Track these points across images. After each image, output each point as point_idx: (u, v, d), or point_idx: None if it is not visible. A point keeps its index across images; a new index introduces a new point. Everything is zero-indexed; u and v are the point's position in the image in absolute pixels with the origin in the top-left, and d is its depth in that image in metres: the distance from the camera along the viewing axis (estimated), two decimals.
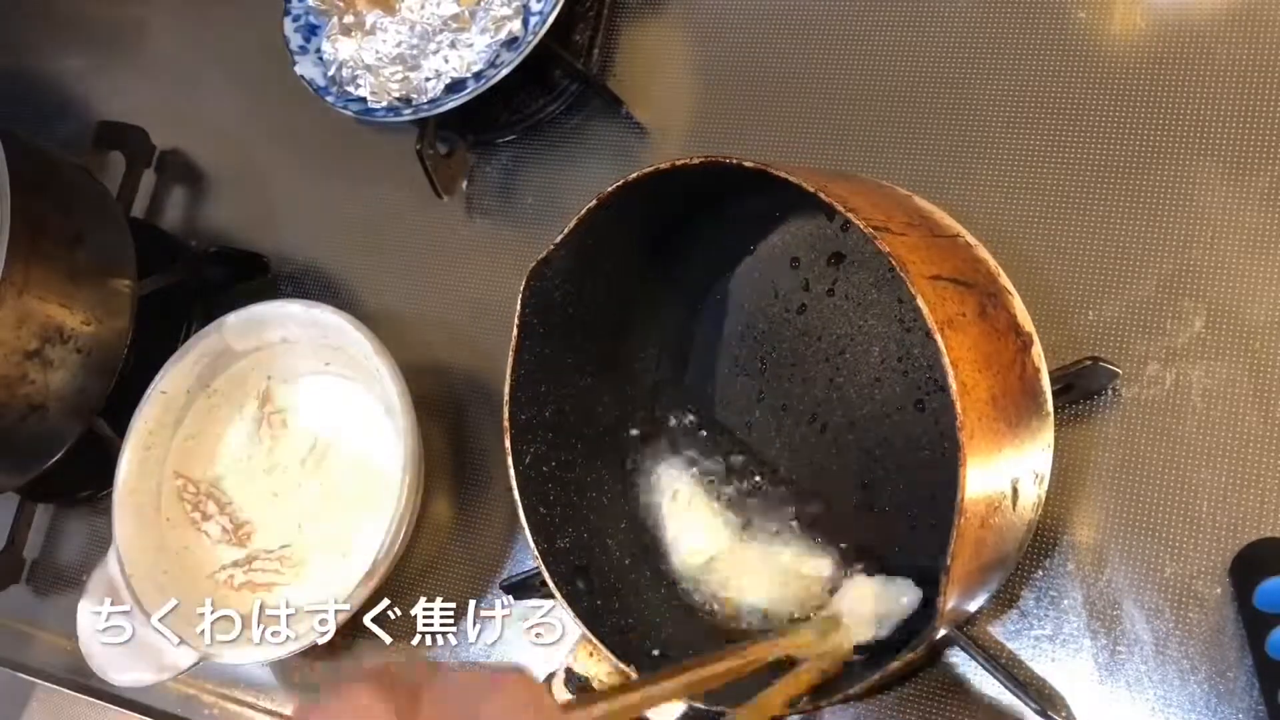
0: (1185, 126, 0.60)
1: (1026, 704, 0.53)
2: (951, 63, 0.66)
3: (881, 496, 0.57)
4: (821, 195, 0.43)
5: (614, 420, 0.62)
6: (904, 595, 0.52)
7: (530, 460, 0.55)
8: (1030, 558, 0.57)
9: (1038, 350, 0.49)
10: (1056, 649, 0.55)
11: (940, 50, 0.66)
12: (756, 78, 0.71)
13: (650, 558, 0.60)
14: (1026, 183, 0.62)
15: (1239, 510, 0.54)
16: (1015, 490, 0.45)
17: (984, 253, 0.50)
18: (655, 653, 0.53)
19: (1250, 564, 0.52)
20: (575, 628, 0.52)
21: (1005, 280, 0.50)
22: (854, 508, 0.57)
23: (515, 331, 0.54)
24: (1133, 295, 0.58)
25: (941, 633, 0.43)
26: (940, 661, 0.57)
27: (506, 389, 0.54)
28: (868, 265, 0.58)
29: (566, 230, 0.52)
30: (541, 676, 0.55)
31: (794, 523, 0.58)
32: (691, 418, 0.62)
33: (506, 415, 0.54)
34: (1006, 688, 0.53)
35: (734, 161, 0.46)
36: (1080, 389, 0.57)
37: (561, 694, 0.51)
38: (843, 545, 0.57)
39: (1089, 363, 0.55)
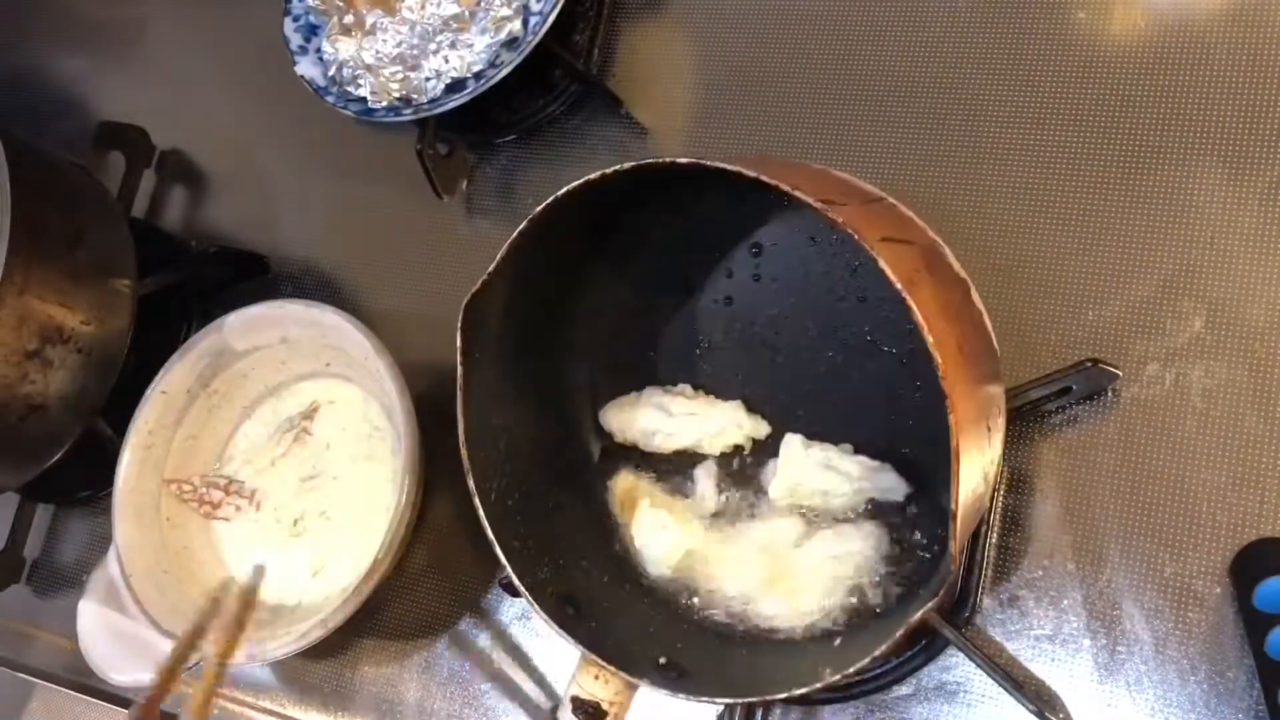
0: (1185, 126, 0.60)
1: (1024, 705, 0.53)
2: (951, 63, 0.66)
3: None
4: (764, 178, 0.44)
5: (561, 442, 0.62)
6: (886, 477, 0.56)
7: (496, 497, 0.55)
8: (1031, 559, 0.57)
9: (976, 294, 0.50)
10: (1056, 649, 0.55)
11: (939, 50, 0.66)
12: (755, 78, 0.71)
13: (627, 570, 0.60)
14: (1026, 183, 0.62)
15: (1239, 510, 0.54)
16: (989, 428, 0.46)
17: (909, 211, 0.51)
18: (662, 660, 0.53)
19: (1250, 564, 0.52)
20: (575, 653, 0.52)
21: (934, 234, 0.51)
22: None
23: (459, 370, 0.53)
24: (1133, 295, 0.58)
25: (954, 569, 0.43)
26: (939, 661, 0.57)
27: (461, 429, 0.53)
28: (789, 245, 0.60)
29: (499, 258, 0.51)
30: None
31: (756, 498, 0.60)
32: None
33: (465, 456, 0.53)
34: (1004, 688, 0.53)
35: (666, 160, 0.47)
36: (1080, 390, 0.57)
37: None
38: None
39: (1089, 365, 0.55)
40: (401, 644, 0.70)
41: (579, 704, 0.51)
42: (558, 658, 0.66)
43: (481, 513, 0.53)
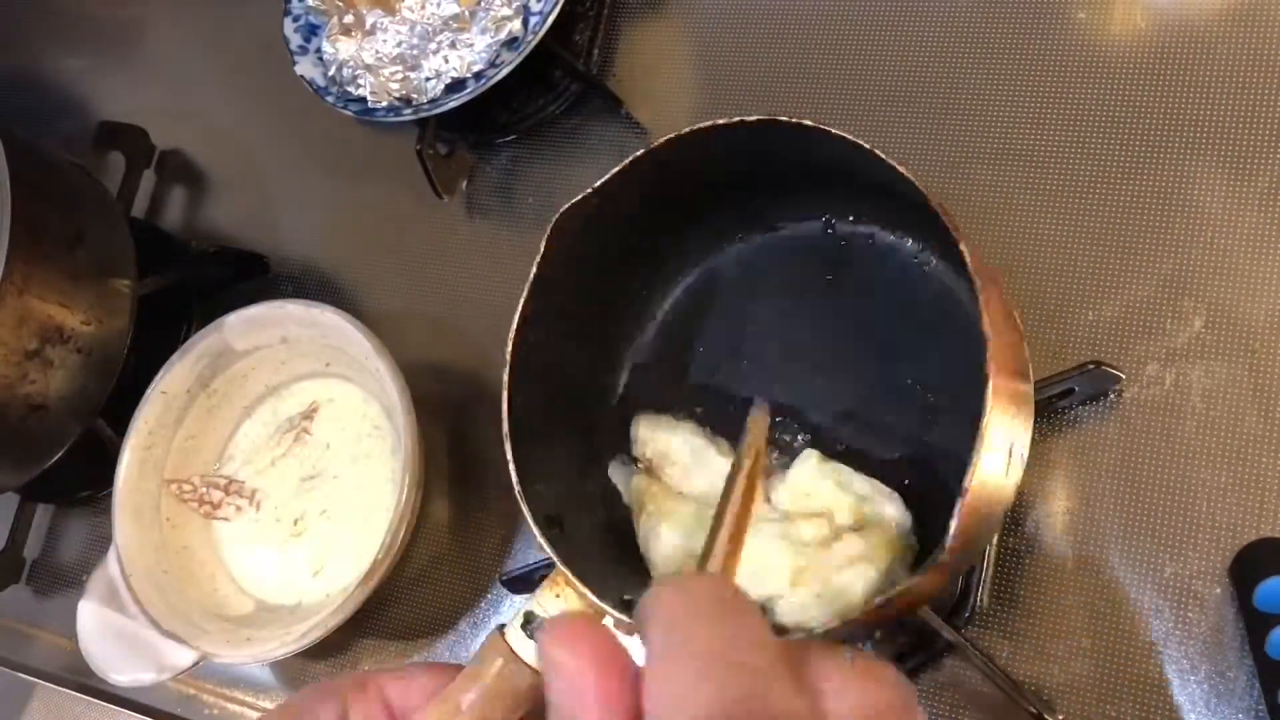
0: (1185, 126, 0.60)
1: (1024, 707, 0.52)
2: (951, 63, 0.66)
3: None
4: (877, 151, 0.46)
5: (596, 395, 0.61)
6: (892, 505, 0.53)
7: (520, 405, 0.54)
8: (1031, 559, 0.57)
9: (1025, 346, 0.49)
10: (1056, 649, 0.55)
11: (939, 51, 0.66)
12: (756, 78, 0.71)
13: (616, 528, 0.59)
14: (1026, 183, 0.62)
15: (1239, 510, 0.54)
16: (1010, 454, 0.45)
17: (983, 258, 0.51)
18: (626, 597, 0.51)
19: (1250, 564, 0.52)
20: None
21: (1003, 280, 0.50)
22: None
23: (535, 267, 0.53)
24: (1133, 295, 0.58)
25: (945, 557, 0.42)
26: (939, 662, 0.57)
27: (516, 320, 0.53)
28: (864, 270, 0.58)
29: (608, 176, 0.52)
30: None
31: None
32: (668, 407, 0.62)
33: (510, 349, 0.53)
34: (1004, 690, 0.53)
35: (793, 120, 0.47)
36: (1082, 392, 0.57)
37: (519, 641, 0.50)
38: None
39: (1092, 366, 0.55)
40: (401, 644, 0.70)
41: (531, 618, 0.49)
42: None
43: (505, 406, 0.52)
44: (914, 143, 0.65)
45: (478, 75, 0.71)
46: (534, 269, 0.53)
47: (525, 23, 0.71)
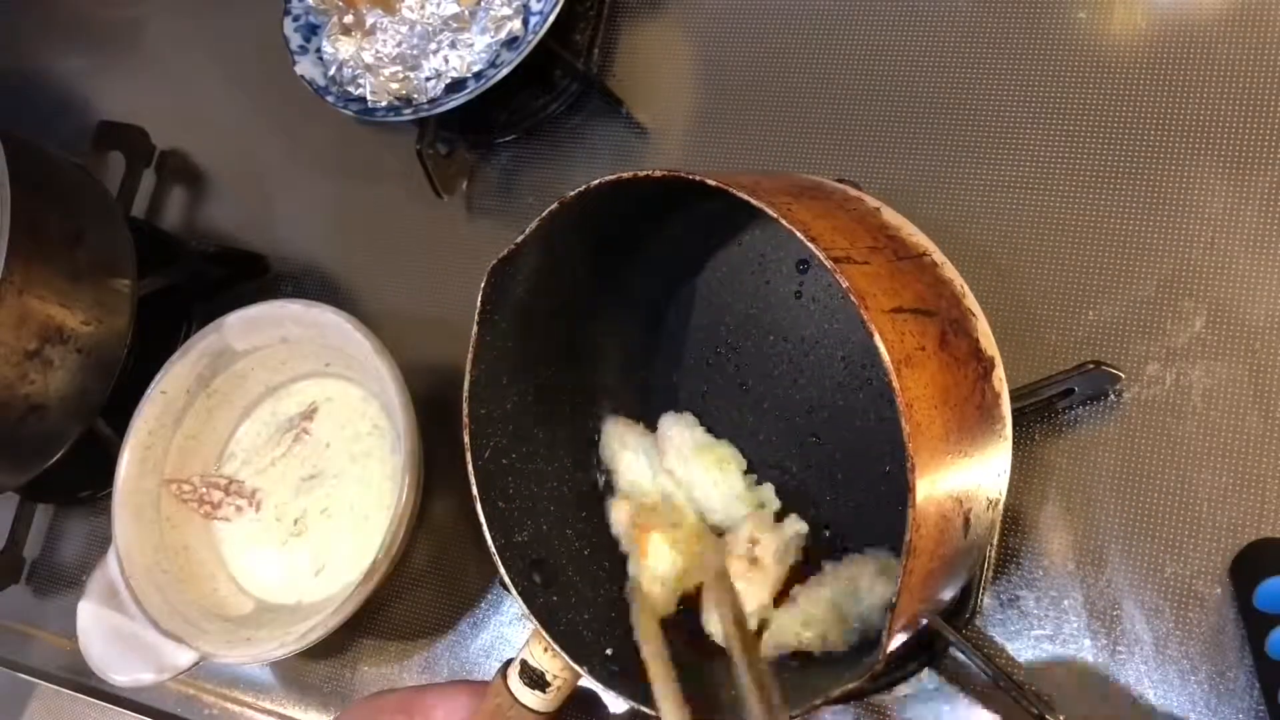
0: (1185, 126, 0.60)
1: (1025, 707, 0.52)
2: (951, 63, 0.66)
3: (839, 497, 0.57)
4: (783, 221, 0.42)
5: (575, 410, 0.61)
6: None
7: (490, 454, 0.54)
8: (1031, 559, 0.57)
9: (999, 374, 0.47)
10: (1056, 649, 0.55)
11: (940, 50, 0.66)
12: (755, 78, 0.71)
13: (609, 549, 0.59)
14: (1027, 183, 0.62)
15: (1239, 510, 0.54)
16: (968, 520, 0.44)
17: (951, 271, 0.49)
18: (609, 652, 0.52)
19: (1250, 564, 0.52)
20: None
21: (970, 302, 0.48)
22: (814, 504, 0.58)
23: (475, 328, 0.53)
24: (1132, 295, 0.58)
25: (881, 664, 0.43)
26: (941, 663, 0.57)
27: (466, 385, 0.53)
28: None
29: (528, 230, 0.51)
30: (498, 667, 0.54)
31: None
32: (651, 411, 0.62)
33: (466, 411, 0.53)
34: (1005, 691, 0.53)
35: (696, 178, 0.45)
36: (1082, 392, 0.57)
37: (517, 686, 0.51)
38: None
39: (1091, 366, 0.55)
40: (401, 644, 0.70)
41: (525, 669, 0.51)
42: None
43: (470, 469, 0.53)
44: (913, 144, 0.65)
45: (478, 75, 0.71)
46: (475, 322, 0.53)
47: (525, 23, 0.71)
